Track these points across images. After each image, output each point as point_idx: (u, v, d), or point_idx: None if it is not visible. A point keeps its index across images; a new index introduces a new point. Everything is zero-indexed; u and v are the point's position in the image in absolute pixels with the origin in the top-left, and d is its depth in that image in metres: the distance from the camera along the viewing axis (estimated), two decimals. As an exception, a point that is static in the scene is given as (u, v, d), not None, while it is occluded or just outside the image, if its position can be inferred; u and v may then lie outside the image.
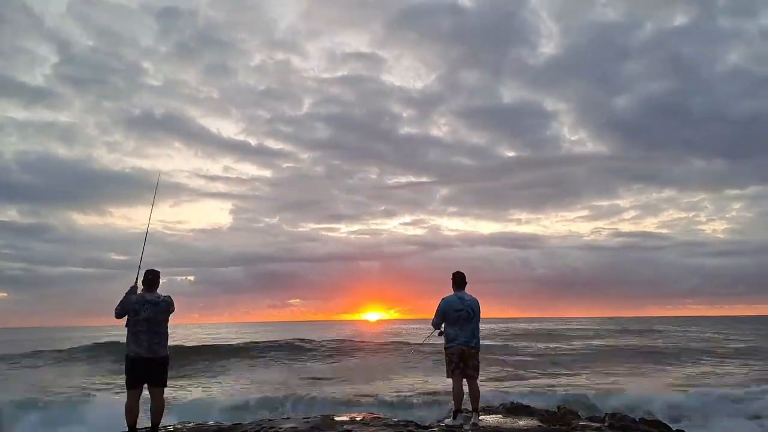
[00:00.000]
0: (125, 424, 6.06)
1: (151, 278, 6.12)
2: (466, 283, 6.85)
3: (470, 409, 6.81)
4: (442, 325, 6.78)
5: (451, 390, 6.74)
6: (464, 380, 6.67)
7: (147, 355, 5.90)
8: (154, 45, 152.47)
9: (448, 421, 6.77)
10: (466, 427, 6.54)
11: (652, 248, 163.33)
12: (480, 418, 6.88)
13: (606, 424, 7.76)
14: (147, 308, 5.93)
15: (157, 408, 6.07)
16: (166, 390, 6.23)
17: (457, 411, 6.69)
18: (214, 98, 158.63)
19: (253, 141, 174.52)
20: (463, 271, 6.87)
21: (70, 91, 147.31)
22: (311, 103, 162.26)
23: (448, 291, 6.89)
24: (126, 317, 5.98)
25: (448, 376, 6.71)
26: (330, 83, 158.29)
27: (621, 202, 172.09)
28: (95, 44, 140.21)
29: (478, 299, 6.86)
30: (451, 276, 6.89)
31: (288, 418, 8.89)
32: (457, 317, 6.57)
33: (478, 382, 6.74)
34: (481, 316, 6.76)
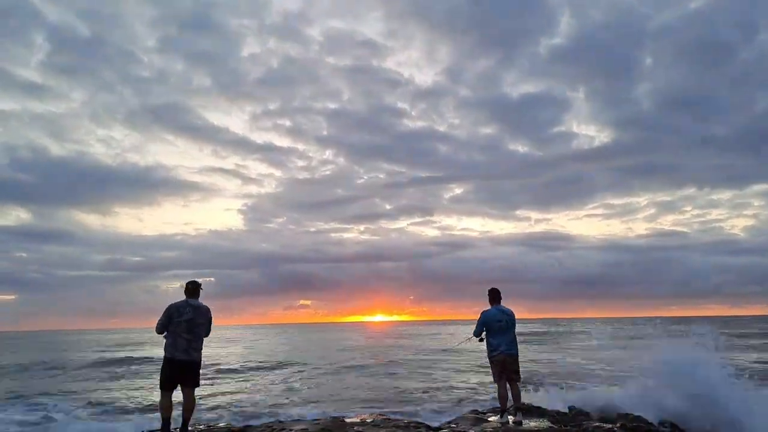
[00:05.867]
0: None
1: (192, 288, 6.89)
2: (500, 297, 7.71)
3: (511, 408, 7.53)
4: (483, 334, 7.67)
5: (497, 393, 7.65)
6: (507, 383, 7.55)
7: (182, 358, 6.49)
8: (150, 32, 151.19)
9: (497, 418, 7.70)
10: (505, 420, 7.43)
11: (670, 247, 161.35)
12: (520, 416, 7.55)
13: (618, 425, 7.70)
14: (189, 310, 6.63)
15: (189, 406, 6.62)
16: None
17: (503, 410, 7.57)
18: (217, 92, 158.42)
19: (258, 138, 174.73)
20: (497, 287, 7.72)
21: (64, 82, 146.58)
22: (309, 96, 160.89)
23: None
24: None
25: (494, 381, 7.62)
26: (339, 72, 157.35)
27: (638, 200, 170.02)
28: (89, 33, 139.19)
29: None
30: (487, 292, 7.72)
31: (298, 420, 8.90)
32: (498, 327, 7.47)
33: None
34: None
